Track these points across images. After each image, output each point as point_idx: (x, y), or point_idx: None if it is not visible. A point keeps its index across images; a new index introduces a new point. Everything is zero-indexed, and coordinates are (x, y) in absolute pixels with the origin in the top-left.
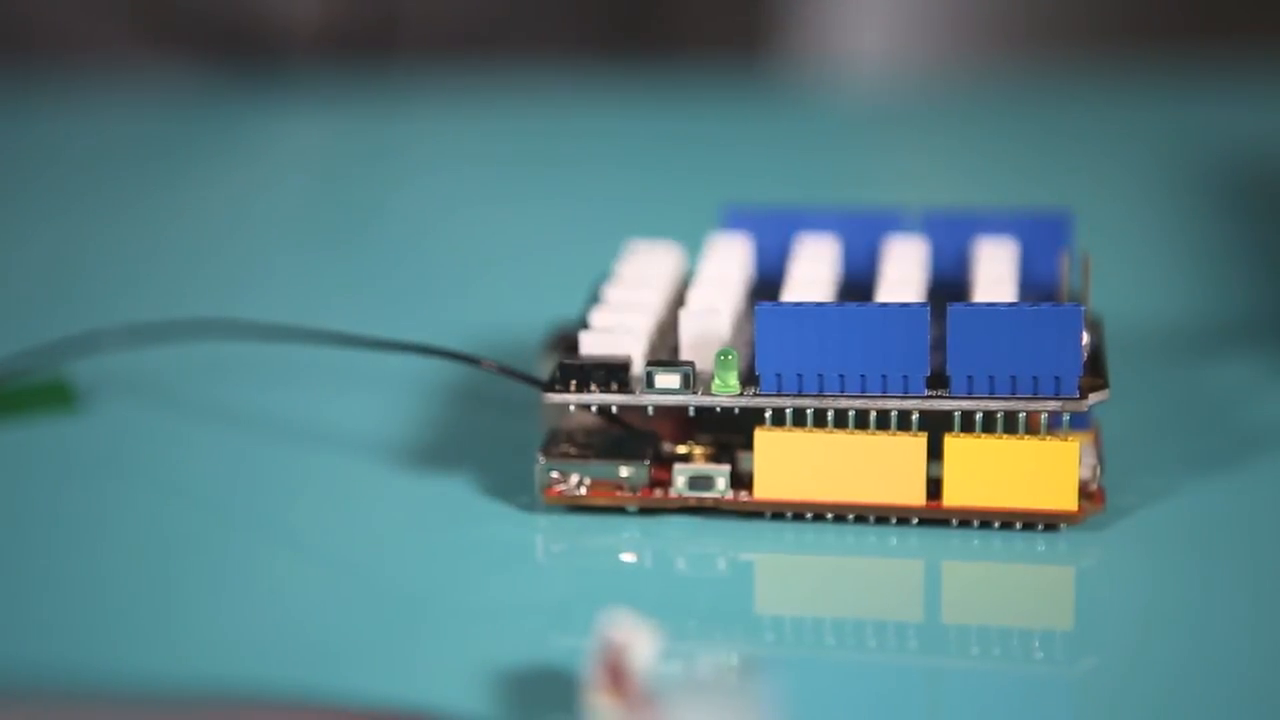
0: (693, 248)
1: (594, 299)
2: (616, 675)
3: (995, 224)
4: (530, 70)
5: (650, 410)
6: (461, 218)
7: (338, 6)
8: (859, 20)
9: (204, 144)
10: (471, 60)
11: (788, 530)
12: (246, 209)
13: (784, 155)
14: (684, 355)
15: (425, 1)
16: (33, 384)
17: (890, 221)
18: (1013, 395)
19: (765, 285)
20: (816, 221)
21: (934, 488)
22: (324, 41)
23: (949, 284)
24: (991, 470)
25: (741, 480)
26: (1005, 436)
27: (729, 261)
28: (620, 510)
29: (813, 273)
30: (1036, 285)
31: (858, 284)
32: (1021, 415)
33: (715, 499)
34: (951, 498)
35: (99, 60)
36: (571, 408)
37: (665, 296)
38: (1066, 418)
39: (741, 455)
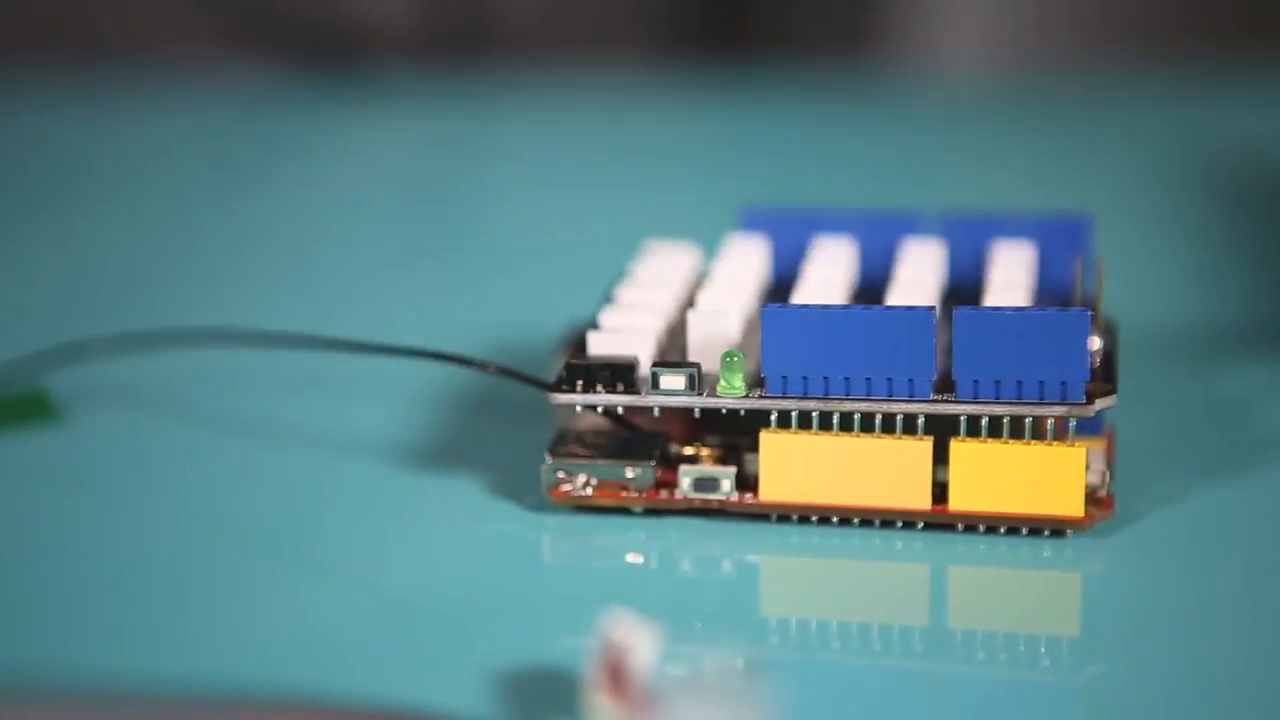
0: (717, 249)
1: (608, 299)
2: (616, 676)
3: (1014, 227)
4: (556, 71)
5: (657, 411)
6: (483, 217)
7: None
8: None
9: (226, 149)
10: (496, 61)
11: (793, 533)
12: (255, 215)
13: (810, 157)
14: (692, 357)
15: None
16: (10, 396)
17: (908, 224)
18: (1019, 400)
19: (781, 287)
20: (834, 223)
21: (939, 492)
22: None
23: (965, 287)
24: (997, 475)
25: (747, 482)
26: (1011, 441)
27: (743, 263)
28: (626, 511)
29: (827, 274)
30: (1054, 289)
31: (874, 286)
32: (1028, 420)
33: (720, 501)
34: (957, 502)
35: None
36: (578, 408)
37: (678, 297)
38: (1073, 423)
39: (747, 457)
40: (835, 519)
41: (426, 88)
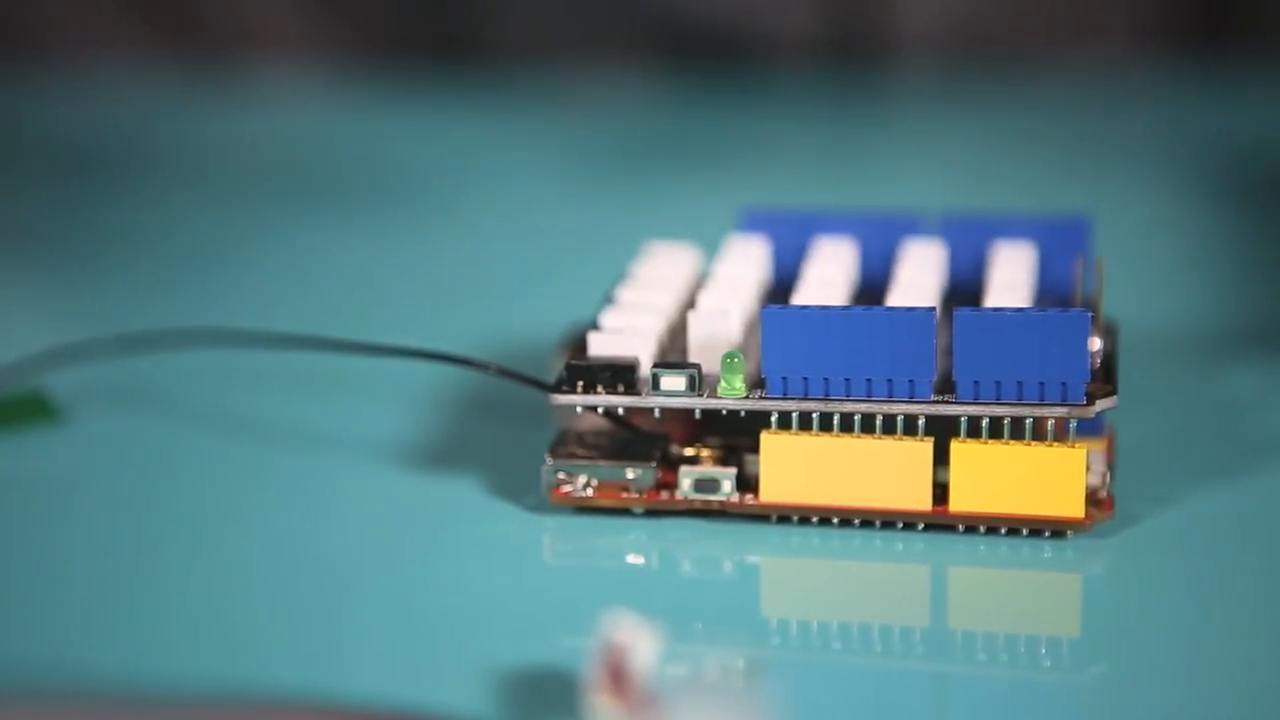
0: (718, 250)
1: (608, 300)
2: (617, 676)
3: (1014, 228)
4: (565, 74)
5: (658, 412)
6: (484, 217)
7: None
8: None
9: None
10: (493, 63)
11: (793, 534)
12: (253, 214)
13: (812, 158)
14: (692, 357)
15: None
16: (10, 396)
17: (908, 225)
18: (1019, 401)
19: (782, 288)
20: (835, 224)
21: (940, 493)
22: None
23: (966, 288)
24: (998, 476)
25: (748, 483)
26: (1012, 442)
27: (744, 263)
28: (626, 512)
29: (827, 275)
30: (1055, 290)
31: (875, 287)
32: (1028, 421)
33: (721, 502)
34: (958, 503)
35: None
36: (579, 409)
37: (679, 298)
38: (1073, 424)
39: (748, 458)
40: (836, 520)
41: (429, 88)
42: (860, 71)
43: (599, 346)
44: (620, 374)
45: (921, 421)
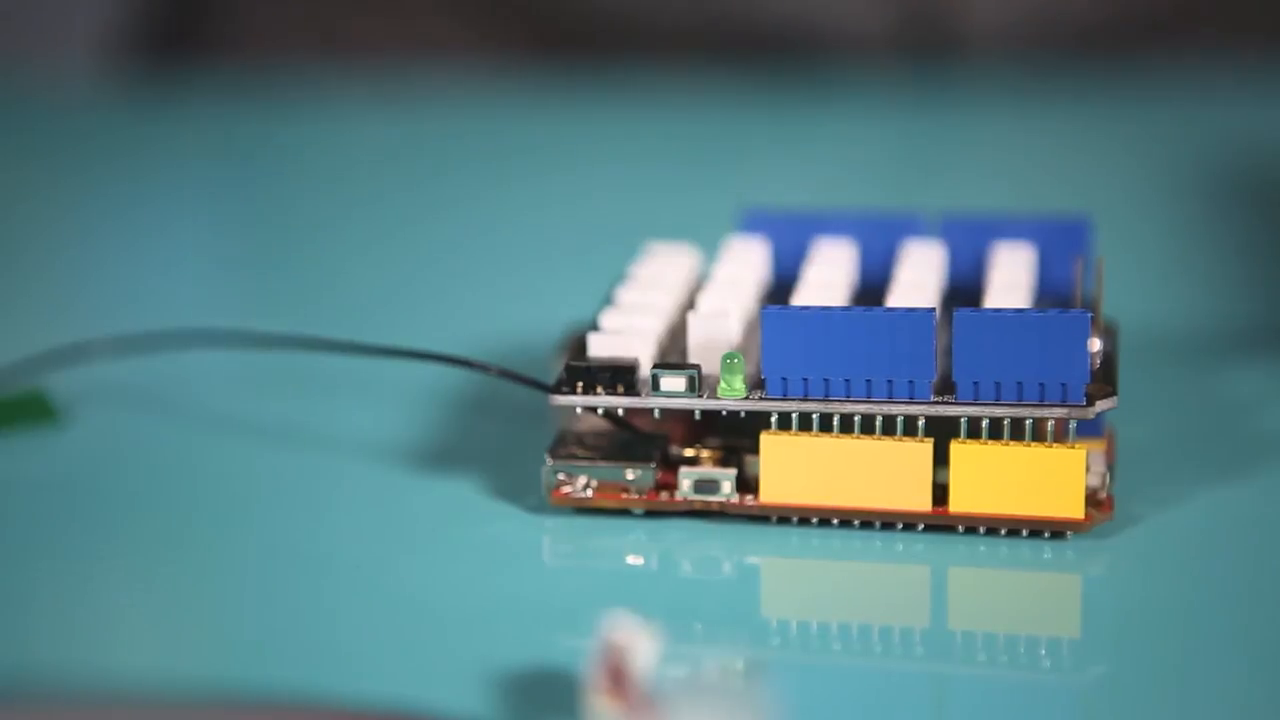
0: (717, 251)
1: (608, 301)
2: (617, 677)
3: (1014, 229)
4: (555, 74)
5: (658, 413)
6: (483, 218)
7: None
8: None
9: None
10: (493, 65)
11: (793, 535)
12: (255, 216)
13: (812, 158)
14: (692, 358)
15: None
16: (10, 396)
17: (908, 225)
18: (1019, 402)
19: (782, 288)
20: (835, 225)
21: (940, 494)
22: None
23: (966, 289)
24: (998, 477)
25: (747, 484)
26: (1011, 443)
27: (743, 264)
28: (626, 513)
29: (827, 276)
30: (1054, 291)
31: (875, 288)
32: (1028, 422)
33: (721, 503)
34: (958, 504)
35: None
36: (579, 410)
37: (678, 299)
38: (1073, 424)
39: (748, 459)
40: (836, 521)
41: (430, 89)
42: (858, 69)
43: (599, 347)
44: (620, 375)
45: (921, 422)
